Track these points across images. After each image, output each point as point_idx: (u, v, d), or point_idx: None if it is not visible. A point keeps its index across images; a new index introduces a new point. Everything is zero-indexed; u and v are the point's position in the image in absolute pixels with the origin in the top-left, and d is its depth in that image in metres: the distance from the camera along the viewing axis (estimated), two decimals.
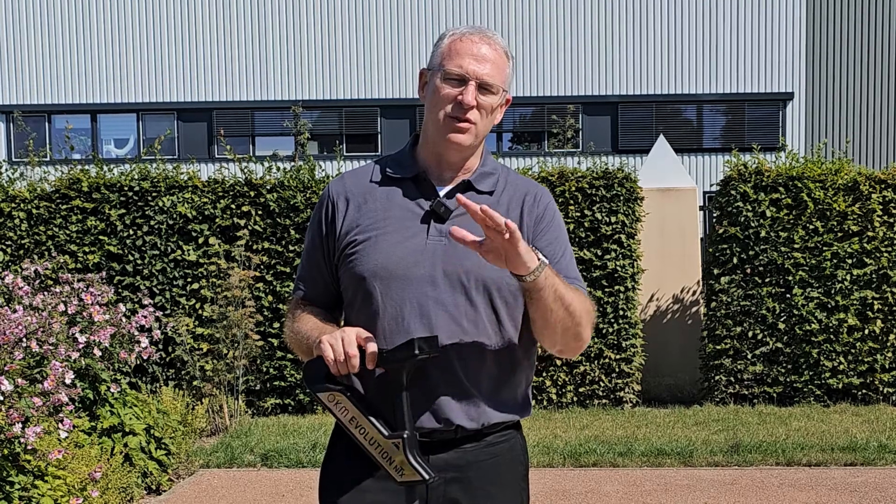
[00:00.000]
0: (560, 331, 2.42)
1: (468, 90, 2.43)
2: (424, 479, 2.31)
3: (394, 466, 2.32)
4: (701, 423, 9.38)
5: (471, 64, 2.44)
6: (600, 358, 10.31)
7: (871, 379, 10.36)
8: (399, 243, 2.45)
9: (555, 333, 2.43)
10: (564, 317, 2.38)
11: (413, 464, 2.30)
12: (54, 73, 23.82)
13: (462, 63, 2.45)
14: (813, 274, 10.31)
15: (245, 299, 9.62)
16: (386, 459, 2.32)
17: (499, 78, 2.48)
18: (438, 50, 2.52)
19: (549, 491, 7.13)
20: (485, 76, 2.45)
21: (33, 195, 10.26)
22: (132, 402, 7.36)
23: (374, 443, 2.33)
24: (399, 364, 2.30)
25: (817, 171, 10.40)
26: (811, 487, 7.17)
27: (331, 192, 2.59)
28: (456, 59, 2.46)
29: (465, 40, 2.48)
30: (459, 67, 2.44)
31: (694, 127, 24.61)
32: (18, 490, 5.44)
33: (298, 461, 8.07)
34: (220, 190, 10.27)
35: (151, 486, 7.23)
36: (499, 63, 2.48)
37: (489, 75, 2.45)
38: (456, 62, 2.45)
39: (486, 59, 2.46)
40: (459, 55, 2.46)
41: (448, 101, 2.46)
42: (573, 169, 10.50)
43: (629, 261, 10.32)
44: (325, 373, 2.32)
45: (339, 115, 24.19)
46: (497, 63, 2.48)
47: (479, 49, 2.46)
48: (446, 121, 2.46)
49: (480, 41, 2.47)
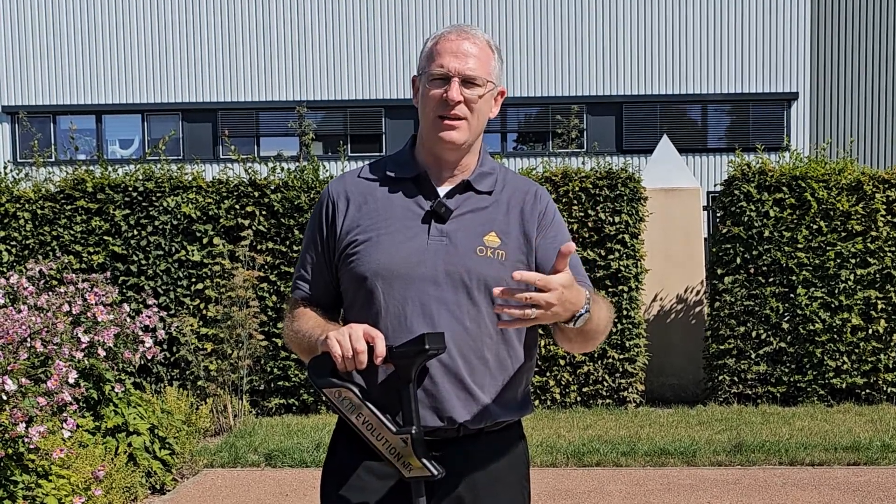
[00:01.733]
0: (590, 344, 2.50)
1: (452, 87, 2.46)
2: (433, 475, 2.34)
3: (402, 462, 2.33)
4: (704, 423, 9.39)
5: (451, 61, 2.47)
6: (604, 358, 10.31)
7: (874, 379, 10.35)
8: (401, 243, 2.47)
9: (580, 347, 2.51)
10: (595, 332, 2.44)
11: (421, 459, 2.32)
12: (59, 74, 23.89)
13: (443, 62, 2.48)
14: (816, 274, 10.30)
15: (249, 299, 9.64)
16: (394, 455, 2.33)
17: (483, 70, 2.50)
18: (423, 55, 2.56)
19: (553, 490, 7.14)
20: (467, 70, 2.47)
21: (38, 196, 10.29)
22: (136, 401, 7.38)
23: (381, 438, 2.34)
24: (409, 360, 2.32)
25: (821, 171, 10.39)
26: (814, 487, 7.18)
27: (330, 191, 2.61)
28: (437, 60, 2.49)
29: (443, 41, 2.51)
30: (441, 67, 2.48)
31: (698, 127, 24.63)
32: (22, 489, 5.46)
33: (302, 461, 8.09)
34: (225, 190, 10.29)
35: (155, 485, 7.25)
36: (481, 56, 2.51)
37: (471, 69, 2.48)
38: (437, 62, 2.49)
39: (466, 55, 2.49)
40: (440, 55, 2.49)
41: (435, 101, 2.49)
42: (577, 169, 10.50)
43: (633, 261, 10.32)
44: (330, 369, 2.33)
45: (343, 115, 24.23)
46: (479, 57, 2.50)
47: (458, 46, 2.49)
48: (436, 121, 2.50)
49: (458, 38, 2.51)
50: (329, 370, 2.33)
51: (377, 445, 2.35)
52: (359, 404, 2.34)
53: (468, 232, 2.49)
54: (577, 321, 2.28)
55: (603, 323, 2.45)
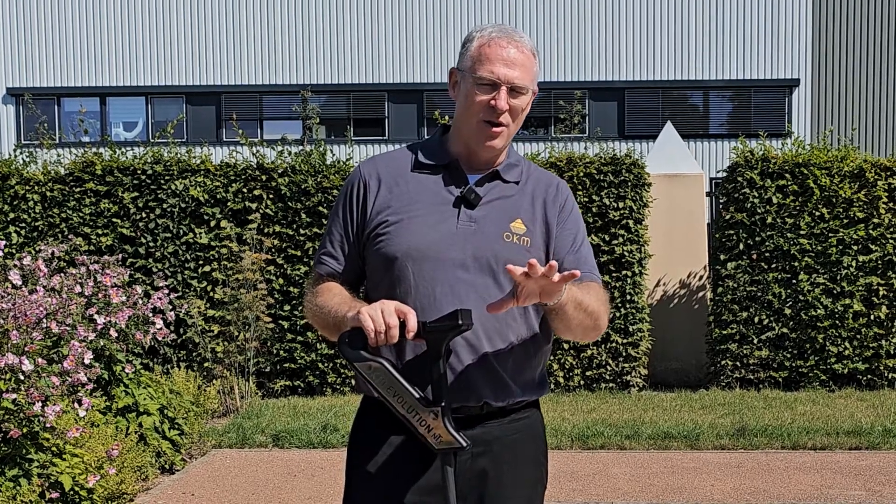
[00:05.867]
0: (580, 331, 2.59)
1: (500, 95, 2.53)
2: (462, 446, 2.41)
3: (432, 434, 2.40)
4: (707, 407, 9.47)
5: (501, 69, 2.53)
6: (607, 342, 10.39)
7: (876, 364, 10.44)
8: (431, 226, 2.54)
9: (575, 333, 2.60)
10: (584, 318, 2.53)
11: (451, 431, 2.39)
12: (64, 56, 23.87)
13: (493, 69, 2.53)
14: (819, 260, 10.38)
15: (256, 282, 9.71)
16: (424, 427, 2.40)
17: (528, 79, 2.57)
18: (468, 53, 2.60)
19: (558, 473, 7.20)
20: (515, 80, 2.54)
21: (47, 178, 10.35)
22: (146, 382, 7.45)
23: (412, 411, 2.40)
24: (441, 335, 2.38)
25: (823, 158, 10.46)
26: (816, 471, 7.26)
27: (362, 171, 2.67)
28: (487, 65, 2.54)
29: (493, 45, 2.56)
30: (491, 73, 2.53)
31: (700, 113, 24.63)
32: (37, 467, 5.53)
33: (309, 442, 8.17)
34: (233, 174, 10.35)
35: (165, 465, 7.32)
36: (527, 64, 2.57)
37: (519, 78, 2.55)
38: (487, 68, 2.53)
39: (515, 63, 2.54)
40: (490, 60, 2.54)
41: (482, 107, 2.55)
42: (581, 155, 10.56)
43: (636, 246, 10.39)
44: (362, 344, 2.38)
45: (346, 99, 24.22)
46: (525, 65, 2.57)
47: (508, 53, 2.54)
48: (480, 126, 2.56)
49: (509, 44, 2.56)
50: (361, 345, 2.38)
51: (408, 418, 2.41)
52: (390, 378, 2.39)
53: (496, 218, 2.57)
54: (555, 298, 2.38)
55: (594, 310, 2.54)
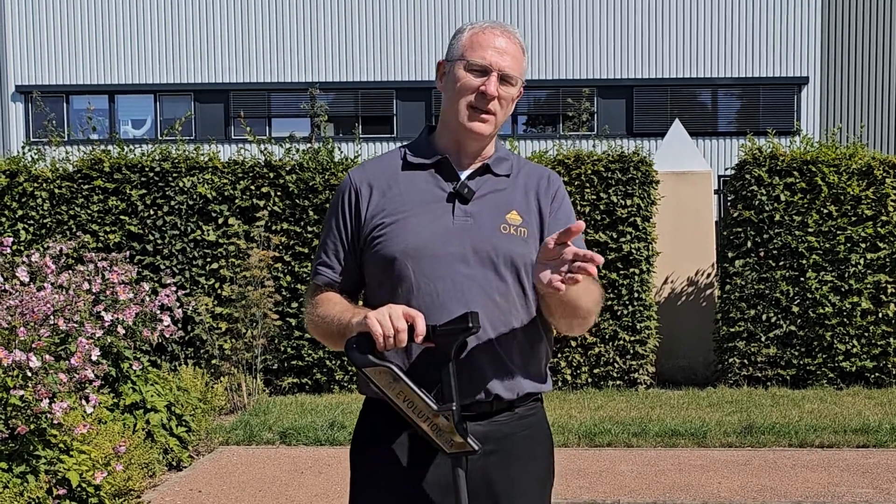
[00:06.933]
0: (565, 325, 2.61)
1: (491, 81, 2.54)
2: (474, 450, 2.39)
3: (443, 438, 2.38)
4: (714, 405, 9.46)
5: (493, 55, 2.55)
6: (615, 339, 10.38)
7: (884, 362, 10.41)
8: (427, 224, 2.54)
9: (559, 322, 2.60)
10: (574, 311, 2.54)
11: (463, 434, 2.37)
12: (72, 54, 23.92)
13: (485, 54, 2.55)
14: (827, 258, 10.36)
15: (264, 279, 9.72)
16: (435, 431, 2.38)
17: (517, 70, 2.59)
18: (459, 42, 2.61)
19: (565, 470, 7.19)
20: (506, 68, 2.55)
21: (56, 175, 10.37)
22: (154, 379, 7.47)
23: (422, 416, 2.38)
24: (451, 338, 2.36)
25: (831, 156, 10.44)
26: (824, 468, 7.25)
27: (353, 178, 2.67)
28: (479, 51, 2.56)
29: (486, 33, 2.58)
30: (483, 59, 2.54)
31: (709, 111, 24.59)
32: (44, 464, 5.54)
33: (317, 439, 8.17)
34: (240, 171, 10.37)
35: (172, 462, 7.34)
36: (517, 56, 2.60)
37: (510, 67, 2.56)
38: (479, 53, 2.55)
39: (506, 52, 2.57)
40: (482, 47, 2.56)
41: (470, 91, 2.56)
42: (589, 152, 10.55)
43: (644, 243, 10.38)
44: (370, 349, 2.36)
45: (354, 97, 24.24)
46: (516, 56, 2.59)
47: (499, 42, 2.57)
48: (468, 110, 2.57)
49: (501, 34, 2.58)
50: (369, 350, 2.36)
51: (418, 423, 2.39)
52: (400, 383, 2.37)
53: (491, 211, 2.58)
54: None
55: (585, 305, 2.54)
